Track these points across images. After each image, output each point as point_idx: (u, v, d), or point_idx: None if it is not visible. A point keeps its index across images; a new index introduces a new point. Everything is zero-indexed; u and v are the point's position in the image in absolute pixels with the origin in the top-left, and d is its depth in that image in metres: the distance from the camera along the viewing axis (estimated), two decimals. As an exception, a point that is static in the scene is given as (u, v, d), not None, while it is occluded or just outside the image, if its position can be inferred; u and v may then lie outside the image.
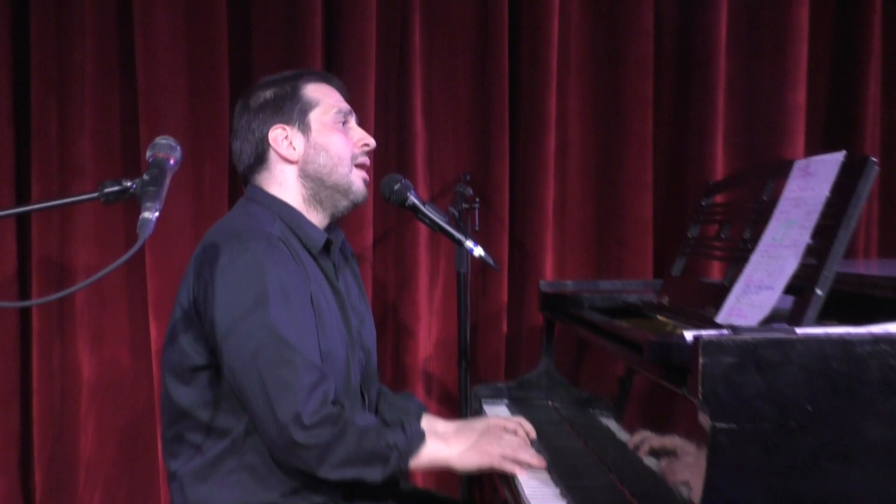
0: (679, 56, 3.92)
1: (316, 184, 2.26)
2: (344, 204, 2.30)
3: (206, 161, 3.65)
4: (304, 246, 2.24)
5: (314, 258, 2.24)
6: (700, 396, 1.58)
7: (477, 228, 3.33)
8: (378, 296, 3.82)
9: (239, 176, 2.39)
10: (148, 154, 1.88)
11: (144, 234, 1.69)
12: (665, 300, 2.69)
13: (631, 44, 3.82)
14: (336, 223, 2.39)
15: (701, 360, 1.57)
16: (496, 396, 3.11)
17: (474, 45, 3.79)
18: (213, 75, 3.64)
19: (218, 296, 2.04)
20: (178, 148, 1.91)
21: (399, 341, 3.82)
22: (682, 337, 1.72)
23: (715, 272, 3.68)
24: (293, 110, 2.26)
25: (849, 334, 1.60)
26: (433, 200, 3.71)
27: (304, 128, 2.26)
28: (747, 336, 1.58)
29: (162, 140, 1.91)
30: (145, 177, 1.81)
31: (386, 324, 3.83)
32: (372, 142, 2.35)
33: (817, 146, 3.88)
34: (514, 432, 2.31)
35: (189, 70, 3.64)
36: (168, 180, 1.82)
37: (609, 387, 2.37)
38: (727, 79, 3.87)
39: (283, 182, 2.26)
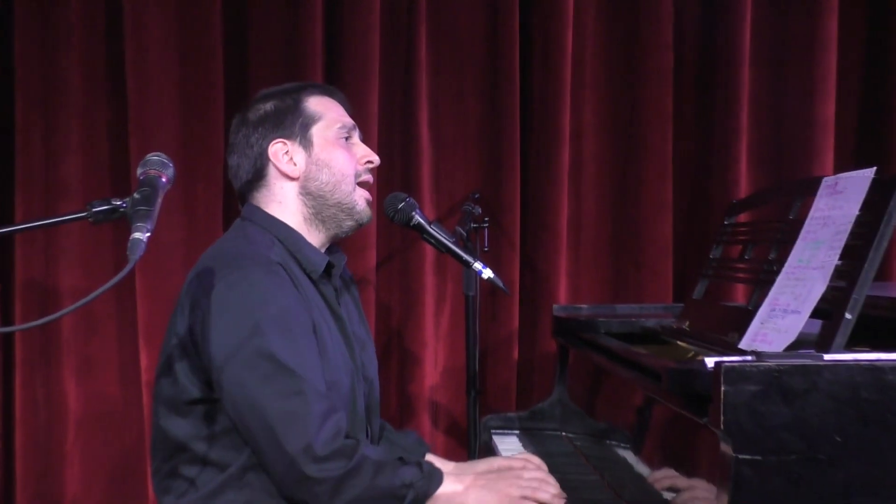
0: (700, 68, 3.94)
1: (318, 202, 2.26)
2: (348, 224, 2.30)
3: (199, 179, 3.66)
4: (304, 270, 2.25)
5: (314, 283, 2.25)
6: (722, 427, 1.58)
7: (486, 249, 3.34)
8: (382, 321, 3.82)
9: (235, 194, 2.39)
10: (139, 171, 1.87)
11: (135, 255, 1.68)
12: (686, 325, 2.69)
13: (650, 56, 3.84)
14: (337, 245, 2.40)
15: (723, 388, 1.57)
16: (507, 427, 3.11)
17: (483, 58, 3.81)
18: (207, 88, 3.64)
19: (215, 326, 2.04)
20: (171, 165, 1.90)
21: (404, 370, 3.82)
22: (703, 363, 1.73)
23: (739, 295, 3.67)
24: (294, 124, 2.27)
25: (880, 361, 1.60)
26: (440, 220, 3.64)
27: (306, 143, 2.26)
28: (772, 362, 1.58)
29: (154, 157, 1.91)
30: (136, 195, 1.80)
31: (390, 351, 3.83)
32: (376, 158, 2.35)
33: (847, 162, 3.88)
34: (523, 468, 2.27)
35: (182, 82, 3.66)
36: (160, 199, 1.82)
37: (627, 417, 2.37)
38: (751, 92, 3.89)
39: (282, 200, 2.27)
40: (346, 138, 2.32)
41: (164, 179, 1.87)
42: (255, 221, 2.27)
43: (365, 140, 2.44)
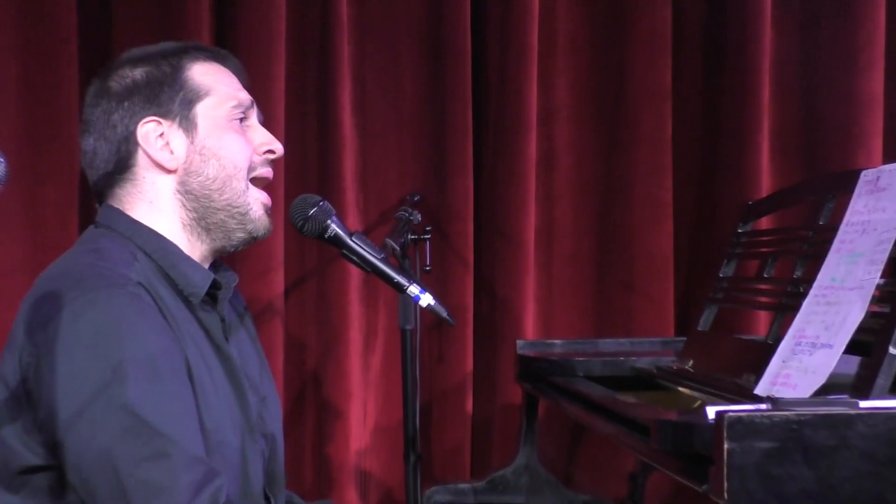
0: (708, 31, 3.97)
1: (201, 204, 2.24)
2: (239, 236, 2.27)
3: (47, 179, 3.62)
4: (179, 292, 2.22)
5: (192, 311, 2.22)
6: (726, 496, 1.58)
7: (428, 269, 3.35)
8: (292, 364, 3.83)
9: (91, 190, 2.33)
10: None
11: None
12: (689, 365, 2.70)
13: (642, 14, 3.87)
14: (222, 261, 2.38)
15: (726, 446, 1.58)
16: (458, 503, 3.11)
17: (424, 18, 3.83)
18: (55, 58, 3.62)
19: (58, 370, 2.00)
20: (3, 160, 1.88)
21: (322, 427, 3.83)
22: (703, 413, 1.73)
23: (756, 325, 3.72)
24: (173, 99, 2.24)
25: (931, 409, 1.61)
26: (366, 231, 3.74)
27: (188, 124, 2.24)
28: (790, 411, 1.58)
29: (-22, 150, 1.89)
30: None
31: (303, 403, 3.83)
32: (278, 147, 2.33)
33: (900, 151, 3.94)
34: None
35: (23, 52, 3.62)
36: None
37: (614, 487, 2.38)
38: (774, 61, 3.93)
39: (154, 200, 2.24)
40: (241, 119, 2.30)
41: (-8, 179, 1.84)
42: (114, 228, 2.23)
43: (267, 123, 2.41)
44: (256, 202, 2.29)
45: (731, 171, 3.91)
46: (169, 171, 2.25)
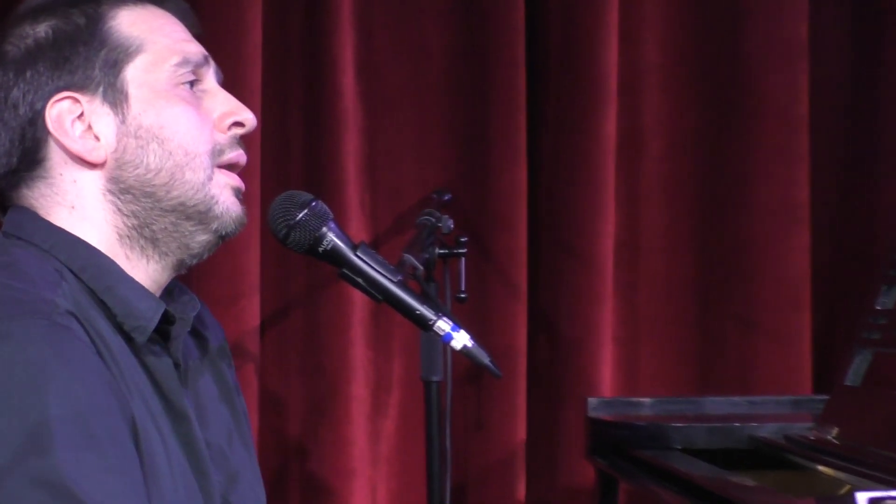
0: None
1: (143, 206, 2.21)
2: (200, 239, 2.23)
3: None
4: (118, 326, 2.19)
5: (135, 351, 2.19)
6: None
7: (463, 296, 3.37)
8: (270, 430, 3.86)
9: None
10: None
11: None
12: (832, 435, 2.71)
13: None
14: (179, 281, 2.36)
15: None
16: None
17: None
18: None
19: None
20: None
21: (314, 515, 3.87)
22: (851, 502, 1.74)
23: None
24: (92, 62, 2.22)
25: None
26: (377, 243, 3.79)
27: (116, 96, 2.21)
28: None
29: None
30: None
31: (285, 484, 3.87)
32: (248, 117, 2.28)
33: None
34: None
35: None
36: None
37: None
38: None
39: (76, 204, 2.23)
40: (193, 83, 2.26)
41: None
42: (28, 239, 2.22)
43: (236, 89, 2.39)
44: (226, 188, 2.26)
45: (891, 162, 3.94)
46: (94, 165, 2.21)
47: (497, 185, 3.86)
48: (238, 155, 2.29)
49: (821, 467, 2.63)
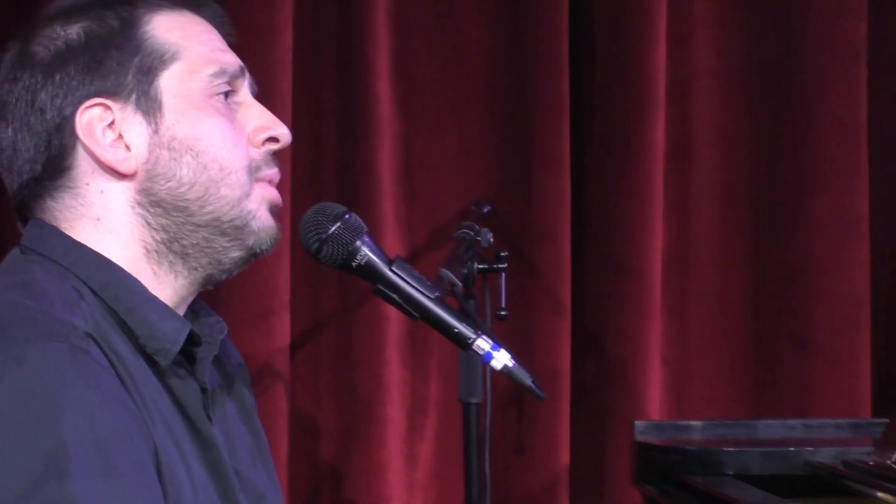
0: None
1: (174, 221, 2.21)
2: (234, 256, 2.25)
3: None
4: (141, 349, 2.18)
5: (159, 375, 2.17)
6: None
7: (503, 313, 3.31)
8: (301, 454, 3.82)
9: (11, 202, 2.28)
10: None
11: None
12: (893, 459, 2.69)
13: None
14: (201, 300, 2.34)
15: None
16: None
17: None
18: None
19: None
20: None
21: (344, 549, 3.82)
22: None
23: None
24: (125, 69, 2.20)
25: None
26: (413, 257, 3.73)
27: (150, 105, 2.19)
28: None
29: None
30: None
31: (318, 510, 3.82)
32: (283, 132, 2.28)
33: None
34: None
35: None
36: None
37: None
38: None
39: (102, 216, 2.21)
40: (227, 94, 2.26)
41: None
42: (47, 254, 2.21)
43: (263, 99, 2.35)
44: (262, 205, 2.26)
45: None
46: (123, 176, 2.20)
47: (539, 195, 3.83)
48: (274, 173, 2.30)
49: (881, 494, 2.64)
